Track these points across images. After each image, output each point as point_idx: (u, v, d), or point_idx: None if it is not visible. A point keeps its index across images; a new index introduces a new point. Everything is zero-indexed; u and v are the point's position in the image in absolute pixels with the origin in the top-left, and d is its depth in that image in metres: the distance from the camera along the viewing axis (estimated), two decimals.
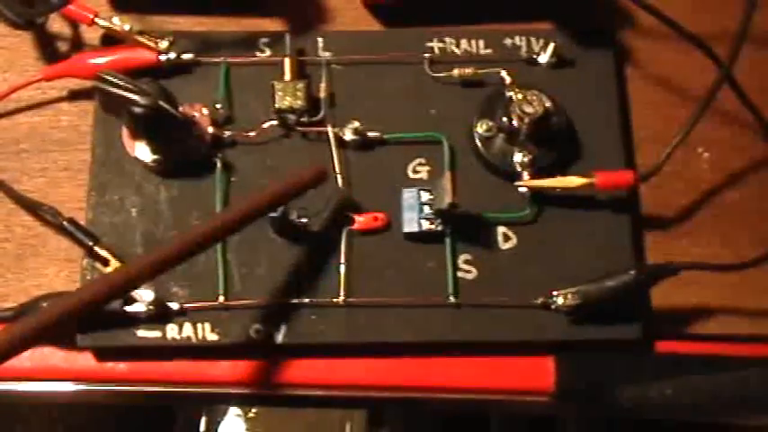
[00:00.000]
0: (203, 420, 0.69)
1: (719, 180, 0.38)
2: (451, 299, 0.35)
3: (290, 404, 0.38)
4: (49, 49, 0.39)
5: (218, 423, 0.69)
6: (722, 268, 0.35)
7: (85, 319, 0.34)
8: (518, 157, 0.36)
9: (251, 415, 0.70)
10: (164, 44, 0.37)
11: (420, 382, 0.36)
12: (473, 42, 0.39)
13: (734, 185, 0.38)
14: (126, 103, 0.33)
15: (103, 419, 0.63)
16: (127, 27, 0.37)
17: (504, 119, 0.36)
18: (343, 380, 0.35)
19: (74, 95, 0.38)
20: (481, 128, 0.37)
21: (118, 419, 0.63)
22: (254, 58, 0.38)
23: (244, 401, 0.47)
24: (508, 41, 0.39)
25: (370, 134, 0.37)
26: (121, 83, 0.33)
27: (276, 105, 0.36)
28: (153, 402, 0.37)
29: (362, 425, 0.67)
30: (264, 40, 0.38)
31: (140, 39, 0.37)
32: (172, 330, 0.34)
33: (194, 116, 0.36)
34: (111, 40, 0.38)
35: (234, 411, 0.70)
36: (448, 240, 0.36)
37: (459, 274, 0.35)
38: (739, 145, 0.39)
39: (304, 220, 0.35)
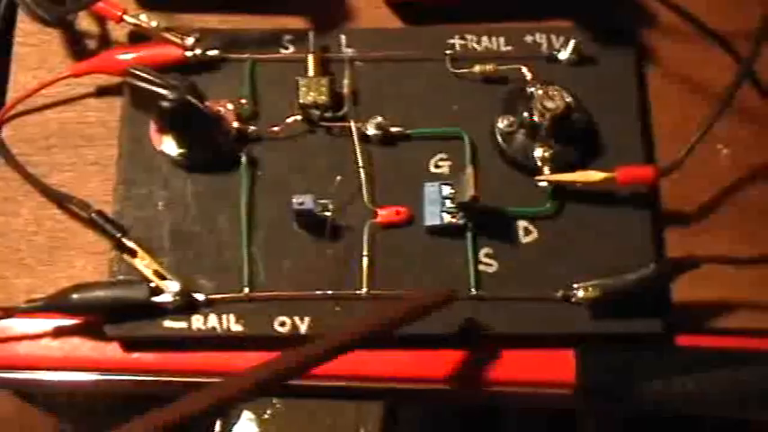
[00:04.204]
0: (218, 423, 0.69)
1: (740, 176, 0.38)
2: (473, 292, 0.35)
3: (309, 396, 0.39)
4: (77, 46, 0.39)
5: (232, 426, 0.70)
6: (742, 262, 0.35)
7: (113, 310, 0.35)
8: (539, 153, 0.37)
9: (265, 417, 0.71)
10: (190, 41, 0.38)
11: (440, 374, 0.36)
12: (494, 40, 0.39)
13: (754, 182, 0.38)
14: (154, 97, 0.34)
15: (117, 420, 0.64)
16: (154, 24, 0.38)
17: (526, 114, 0.36)
18: (364, 371, 0.36)
19: (102, 91, 0.39)
20: (502, 123, 0.37)
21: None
22: (278, 55, 0.39)
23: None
24: (529, 39, 0.39)
25: (393, 129, 0.37)
26: (150, 77, 0.34)
27: (300, 101, 0.37)
28: (178, 393, 0.37)
29: (377, 427, 0.67)
30: (288, 37, 0.39)
31: (167, 35, 0.37)
32: (197, 321, 0.35)
33: (220, 111, 0.37)
34: (138, 37, 0.38)
35: (247, 415, 0.70)
36: (469, 234, 0.36)
37: (481, 267, 0.36)
38: (760, 142, 0.39)
39: (327, 213, 0.36)
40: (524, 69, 0.38)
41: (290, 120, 0.37)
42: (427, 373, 0.36)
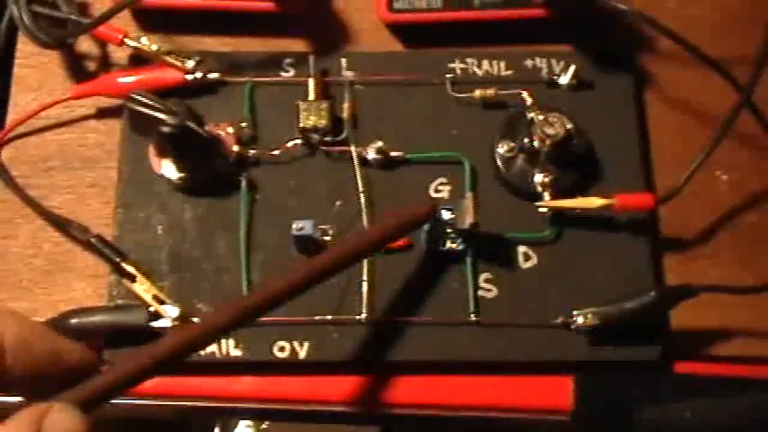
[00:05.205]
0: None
1: (738, 202, 0.38)
2: (472, 317, 0.35)
3: (309, 420, 0.39)
4: (77, 68, 0.39)
5: None
6: (741, 291, 0.35)
7: (112, 335, 0.34)
8: (539, 178, 0.37)
9: (263, 427, 0.71)
10: (190, 64, 0.38)
11: (440, 400, 0.36)
12: (494, 64, 0.39)
13: (752, 208, 0.38)
14: (154, 122, 0.34)
15: None
16: (155, 47, 0.38)
17: (526, 140, 0.36)
18: (363, 396, 0.36)
19: (102, 114, 0.39)
20: (502, 148, 0.37)
21: None
22: (278, 78, 0.39)
23: (264, 417, 0.47)
24: (529, 63, 0.39)
25: (393, 154, 0.37)
26: (150, 102, 0.34)
27: (300, 125, 0.37)
28: (176, 416, 0.37)
29: None
30: (289, 60, 0.39)
31: (168, 59, 0.38)
32: None
33: (220, 135, 0.37)
34: (139, 59, 0.38)
35: (245, 423, 0.70)
36: (469, 259, 0.36)
37: (480, 293, 0.36)
38: (758, 168, 0.39)
39: (327, 238, 0.36)
40: (525, 94, 0.38)
41: (290, 144, 0.37)
42: (428, 400, 0.36)
